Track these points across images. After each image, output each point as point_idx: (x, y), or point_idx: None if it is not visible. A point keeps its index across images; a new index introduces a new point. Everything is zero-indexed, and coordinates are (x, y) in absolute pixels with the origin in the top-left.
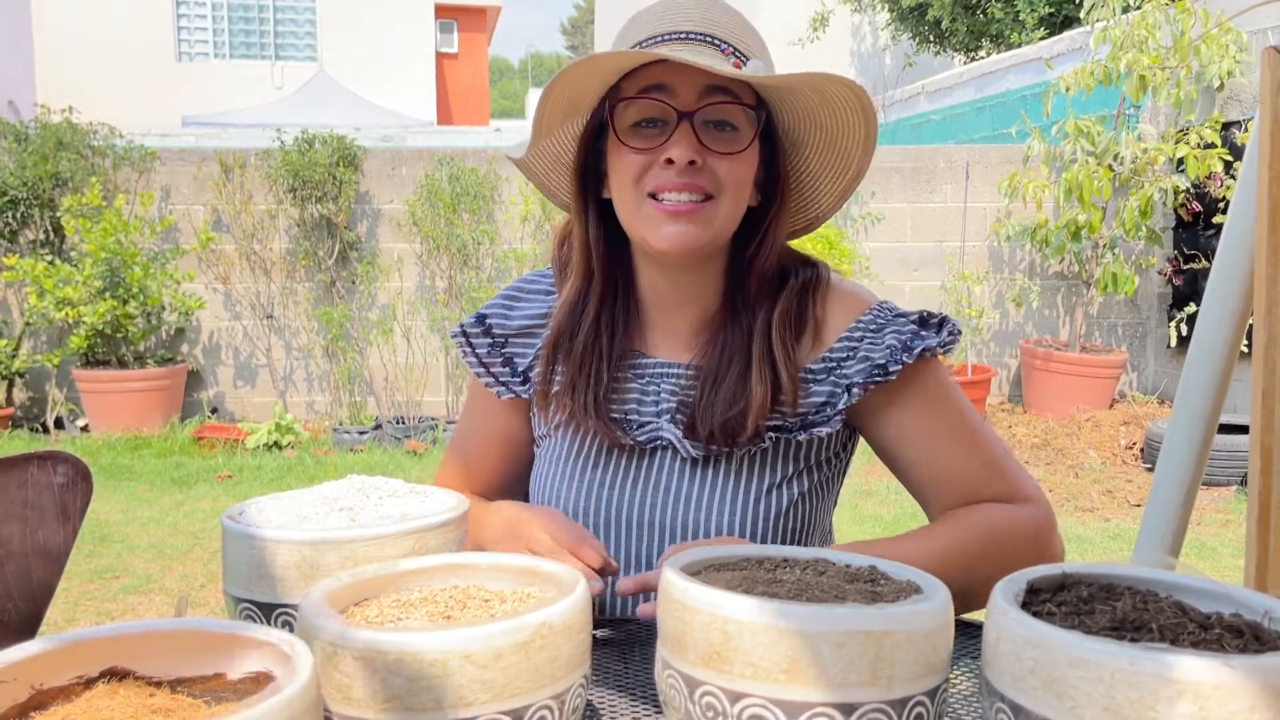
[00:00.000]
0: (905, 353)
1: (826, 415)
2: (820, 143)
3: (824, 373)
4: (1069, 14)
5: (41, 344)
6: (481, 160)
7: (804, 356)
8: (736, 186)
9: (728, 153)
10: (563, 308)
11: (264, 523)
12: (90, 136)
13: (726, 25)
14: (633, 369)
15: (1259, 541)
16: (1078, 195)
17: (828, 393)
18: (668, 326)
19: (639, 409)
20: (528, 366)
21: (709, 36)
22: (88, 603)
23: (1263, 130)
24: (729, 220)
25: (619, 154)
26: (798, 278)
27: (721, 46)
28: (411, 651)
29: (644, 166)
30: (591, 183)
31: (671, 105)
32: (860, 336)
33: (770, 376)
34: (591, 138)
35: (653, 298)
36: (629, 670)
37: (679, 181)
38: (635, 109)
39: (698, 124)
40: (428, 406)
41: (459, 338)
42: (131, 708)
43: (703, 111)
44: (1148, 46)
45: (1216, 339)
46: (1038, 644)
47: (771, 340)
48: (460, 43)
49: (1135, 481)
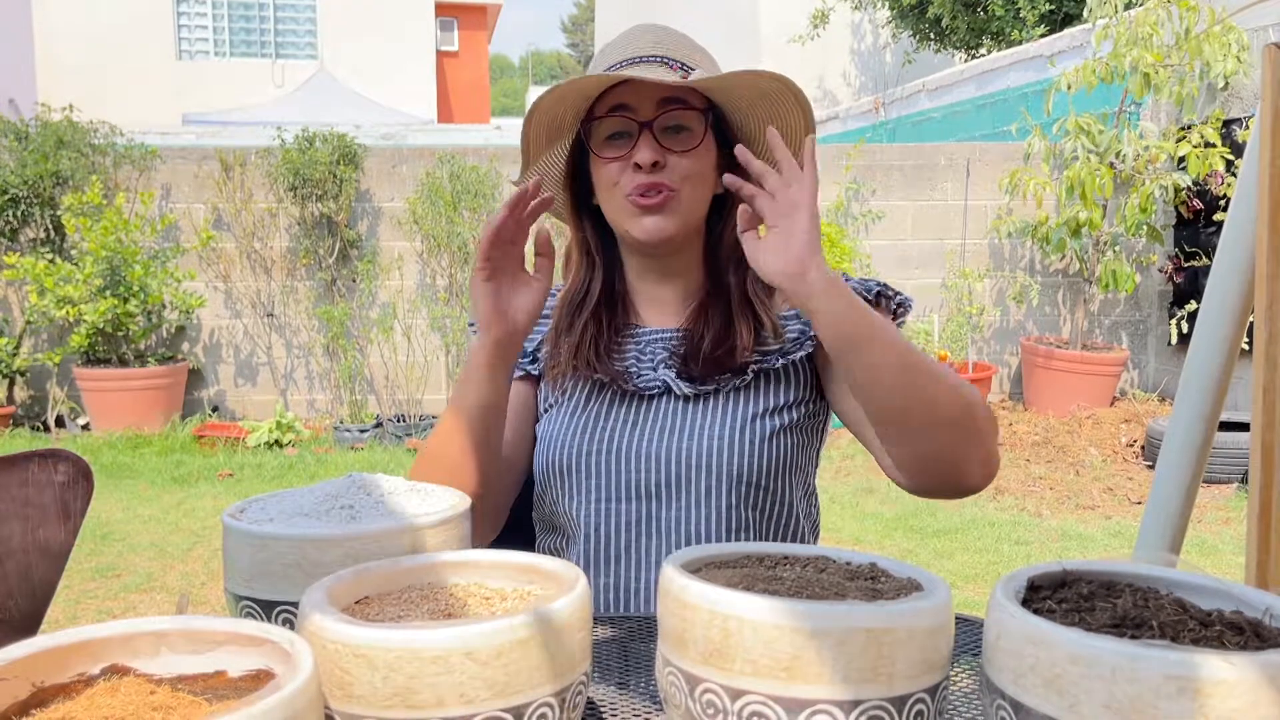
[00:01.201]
0: (865, 290)
1: (799, 344)
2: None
3: (793, 317)
4: (1070, 11)
5: (42, 342)
6: (482, 158)
7: (775, 307)
8: (695, 178)
9: (684, 150)
10: (568, 291)
11: (265, 521)
12: (91, 135)
13: (675, 47)
14: (630, 337)
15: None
16: (1080, 193)
17: (799, 329)
18: (658, 301)
19: (638, 364)
20: (536, 346)
21: (660, 57)
22: (89, 601)
23: (1263, 128)
24: (694, 206)
25: (598, 165)
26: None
27: (669, 64)
28: (412, 649)
29: (618, 172)
30: (582, 192)
31: (634, 119)
32: None
33: (751, 316)
34: (576, 155)
35: (642, 280)
36: (630, 667)
37: (647, 181)
38: (605, 126)
39: (657, 130)
40: (428, 404)
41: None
42: (132, 705)
43: (660, 119)
44: (1149, 44)
45: (1217, 337)
46: (1038, 641)
47: (748, 289)
48: (461, 41)
49: (1136, 479)
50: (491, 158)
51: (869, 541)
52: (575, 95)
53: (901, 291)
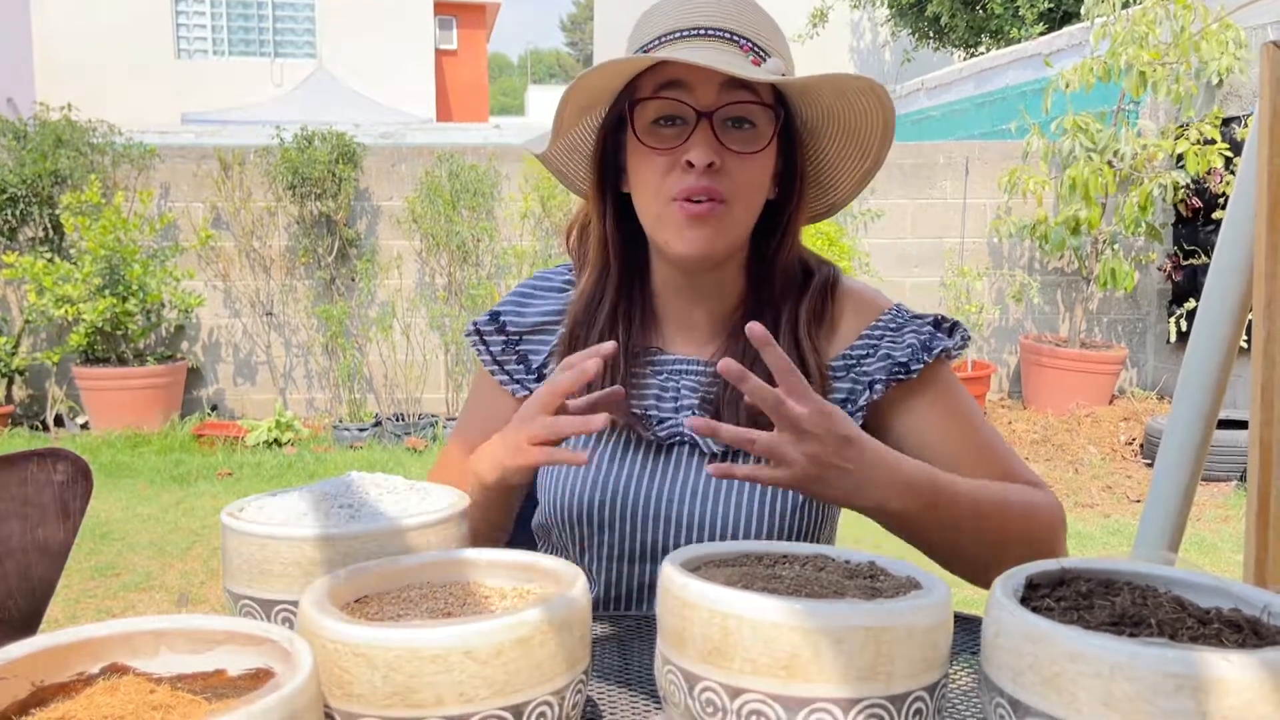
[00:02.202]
0: (925, 352)
1: (849, 412)
2: (837, 133)
3: (844, 370)
4: (1068, 9)
5: (41, 341)
6: (481, 157)
7: (823, 352)
8: (752, 189)
9: (747, 152)
10: (579, 301)
11: (264, 520)
12: (89, 134)
13: (744, 18)
14: (650, 364)
15: (1258, 537)
16: (1081, 191)
17: (848, 389)
18: (685, 321)
19: (658, 404)
20: (542, 363)
21: (727, 32)
22: (88, 600)
23: (1262, 126)
24: (744, 223)
25: (639, 154)
26: (820, 274)
27: (740, 42)
28: (412, 647)
29: (665, 169)
30: (610, 176)
31: (690, 104)
32: (880, 335)
33: (799, 360)
34: (610, 130)
35: (668, 293)
36: (629, 666)
37: (698, 186)
38: (653, 107)
39: (716, 122)
40: (427, 403)
41: (472, 335)
42: (132, 704)
43: (722, 110)
44: (1147, 42)
45: (1216, 335)
46: (1037, 639)
47: (799, 335)
48: (459, 39)
49: (1135, 477)
50: (490, 156)
51: (867, 540)
52: (625, 71)
53: (960, 323)
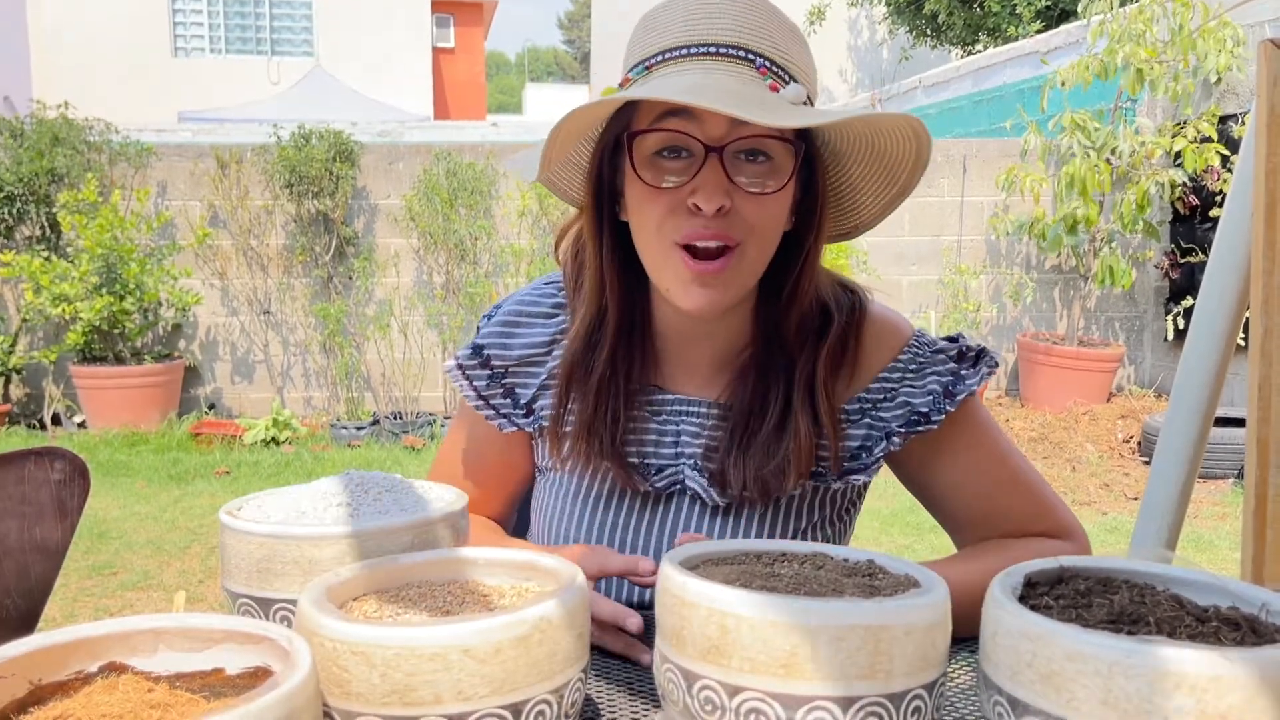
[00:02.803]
0: (948, 400)
1: (864, 463)
2: (865, 155)
3: (859, 414)
4: (1066, 7)
5: (38, 340)
6: (479, 155)
7: (838, 396)
8: (766, 230)
9: (762, 193)
10: (575, 339)
11: (262, 518)
12: (86, 132)
13: (762, 31)
14: (649, 405)
15: (1255, 534)
16: (1079, 189)
17: (863, 436)
18: (687, 360)
19: (657, 450)
20: (531, 398)
21: (742, 50)
22: (86, 599)
23: (1259, 123)
24: (758, 266)
25: (638, 191)
26: (841, 314)
27: (757, 63)
28: (410, 646)
29: (668, 209)
30: (607, 200)
31: (697, 138)
32: (899, 378)
33: (811, 428)
34: (608, 150)
35: (670, 331)
36: (627, 664)
37: (706, 232)
38: (654, 139)
39: (727, 157)
40: (425, 402)
41: (454, 372)
42: (130, 703)
43: (734, 145)
44: (1144, 40)
45: (1213, 332)
46: (1035, 637)
47: (814, 385)
48: (457, 37)
49: (1132, 475)
50: (488, 154)
51: (866, 538)
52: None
53: (985, 350)
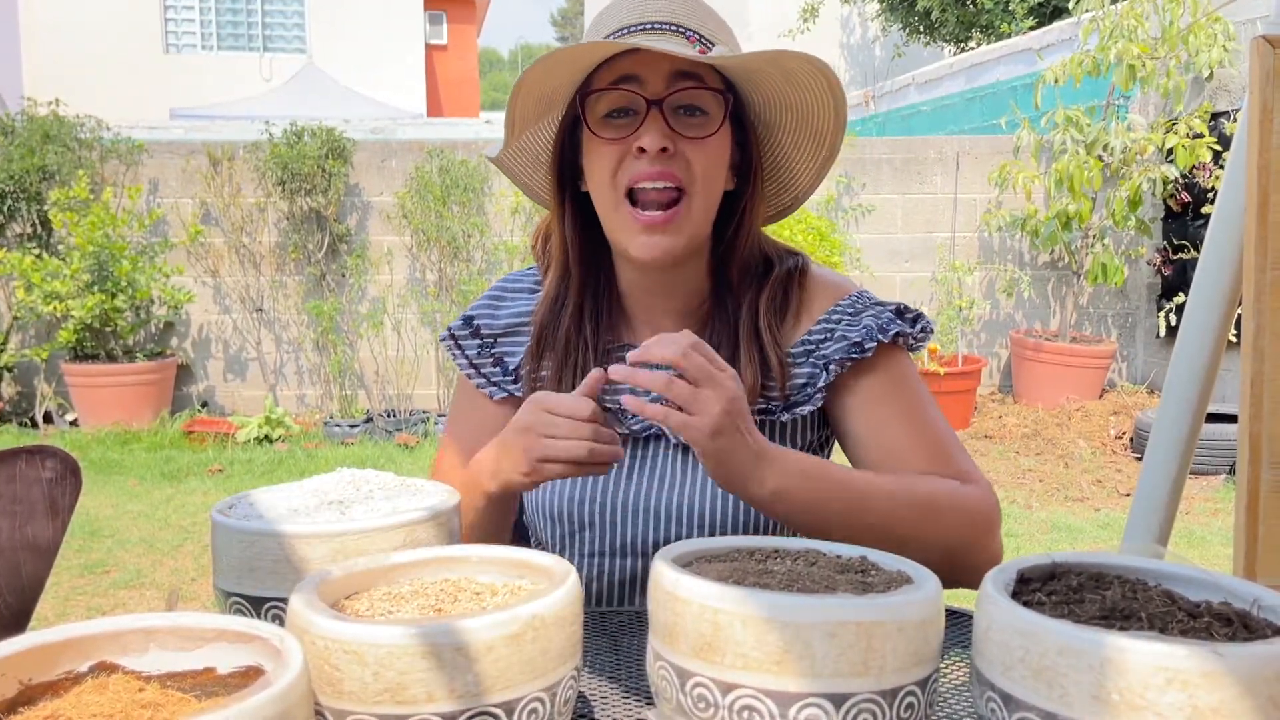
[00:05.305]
0: (881, 333)
1: (807, 394)
2: (791, 123)
3: (803, 355)
4: (1058, 4)
5: (30, 338)
6: (471, 152)
7: (785, 340)
8: (708, 178)
9: (698, 137)
10: (543, 303)
11: (254, 517)
12: (77, 129)
13: (691, 14)
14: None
15: (1247, 530)
16: (1068, 185)
17: (808, 374)
18: (651, 318)
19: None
20: (518, 364)
21: (675, 25)
22: (78, 598)
23: (1251, 120)
24: (703, 215)
25: (593, 146)
26: (782, 265)
27: (687, 34)
28: (403, 644)
29: (618, 158)
30: (568, 176)
31: (640, 94)
32: (838, 319)
33: (759, 360)
34: (567, 132)
35: (634, 291)
36: (620, 662)
37: (652, 170)
38: (606, 100)
39: (667, 110)
40: (418, 399)
41: (447, 341)
42: (121, 702)
43: (671, 98)
44: (1136, 36)
45: (1205, 328)
46: (1027, 633)
47: (759, 325)
48: (450, 34)
49: (1124, 471)
50: (481, 152)
51: None
52: (570, 67)
53: (923, 314)
